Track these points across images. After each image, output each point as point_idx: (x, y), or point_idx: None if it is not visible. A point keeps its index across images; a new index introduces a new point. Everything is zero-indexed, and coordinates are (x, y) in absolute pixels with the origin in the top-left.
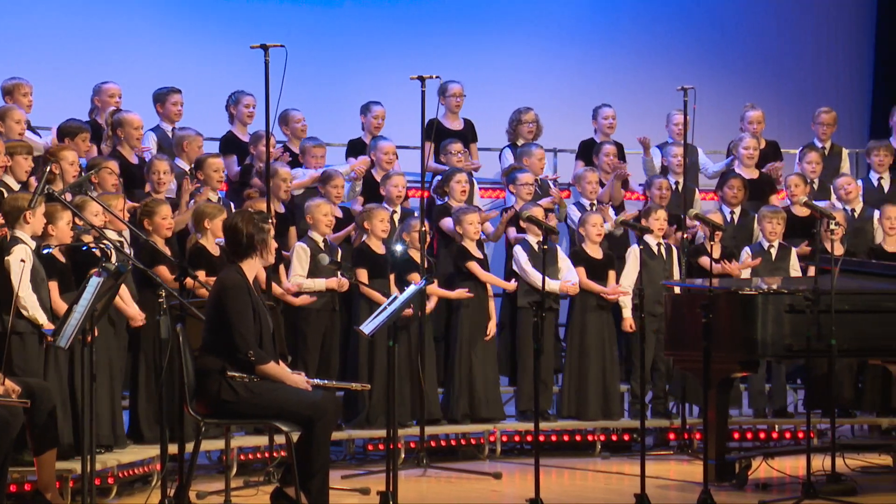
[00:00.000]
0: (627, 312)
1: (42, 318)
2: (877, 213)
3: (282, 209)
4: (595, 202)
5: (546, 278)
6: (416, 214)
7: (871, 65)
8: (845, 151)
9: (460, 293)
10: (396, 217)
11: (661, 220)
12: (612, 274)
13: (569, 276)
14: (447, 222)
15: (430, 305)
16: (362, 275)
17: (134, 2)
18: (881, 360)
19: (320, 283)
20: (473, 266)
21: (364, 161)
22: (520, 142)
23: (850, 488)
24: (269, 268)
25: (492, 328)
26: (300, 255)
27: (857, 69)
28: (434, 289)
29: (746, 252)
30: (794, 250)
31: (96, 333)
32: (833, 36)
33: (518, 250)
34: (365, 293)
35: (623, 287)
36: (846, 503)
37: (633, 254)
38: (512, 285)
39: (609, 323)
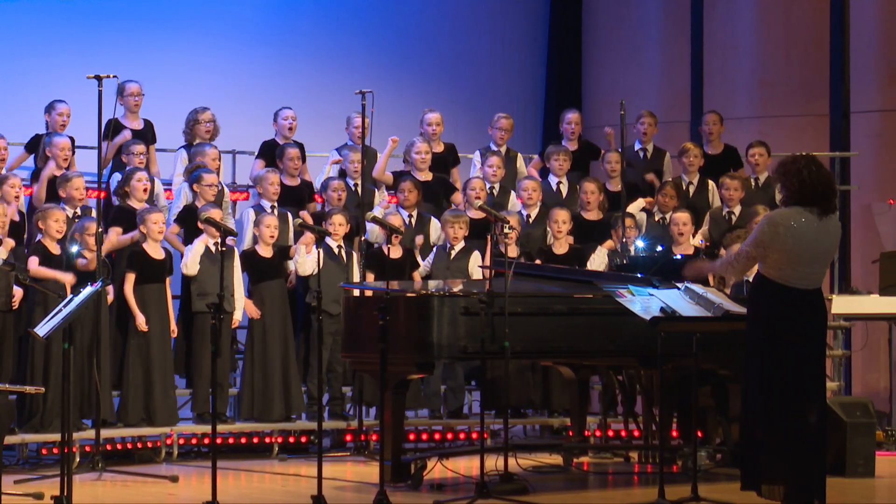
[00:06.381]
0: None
1: None
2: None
3: None
4: (275, 204)
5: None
6: (92, 215)
7: (544, 71)
8: (521, 156)
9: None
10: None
11: (341, 222)
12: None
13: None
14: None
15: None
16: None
17: None
18: (552, 361)
19: None
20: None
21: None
22: (197, 142)
23: (522, 487)
24: None
25: (174, 328)
26: None
27: (530, 75)
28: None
29: (432, 254)
30: (475, 252)
31: None
32: (507, 42)
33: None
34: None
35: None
36: (518, 502)
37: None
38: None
39: (289, 324)
